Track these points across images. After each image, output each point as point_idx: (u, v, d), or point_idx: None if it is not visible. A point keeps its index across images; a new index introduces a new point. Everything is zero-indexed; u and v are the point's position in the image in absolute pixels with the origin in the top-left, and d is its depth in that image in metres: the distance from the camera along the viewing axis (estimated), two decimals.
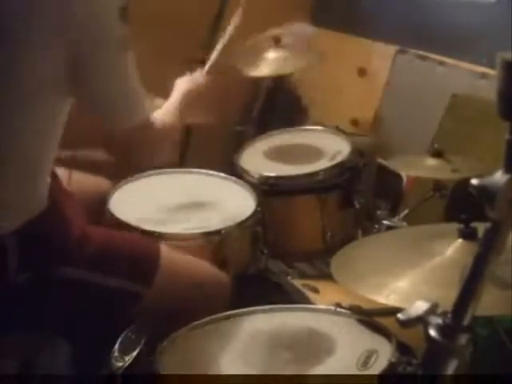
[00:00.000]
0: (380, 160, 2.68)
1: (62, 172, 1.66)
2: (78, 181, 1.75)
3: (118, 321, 1.53)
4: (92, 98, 1.43)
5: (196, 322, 1.38)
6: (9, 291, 1.39)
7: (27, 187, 1.42)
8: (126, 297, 1.47)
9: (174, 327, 1.38)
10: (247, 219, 1.82)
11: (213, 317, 1.40)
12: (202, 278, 1.59)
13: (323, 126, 2.49)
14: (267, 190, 2.03)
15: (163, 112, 1.65)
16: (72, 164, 1.72)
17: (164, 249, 1.56)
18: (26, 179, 1.42)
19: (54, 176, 1.53)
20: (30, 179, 1.42)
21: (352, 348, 1.27)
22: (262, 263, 1.97)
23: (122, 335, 1.67)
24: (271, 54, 2.35)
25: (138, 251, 1.53)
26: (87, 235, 1.48)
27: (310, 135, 2.35)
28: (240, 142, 2.41)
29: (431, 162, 2.12)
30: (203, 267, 1.63)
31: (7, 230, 1.38)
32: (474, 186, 0.79)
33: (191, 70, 1.94)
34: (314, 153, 2.19)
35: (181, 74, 1.86)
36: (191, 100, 1.72)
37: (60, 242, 1.44)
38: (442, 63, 2.78)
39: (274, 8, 3.16)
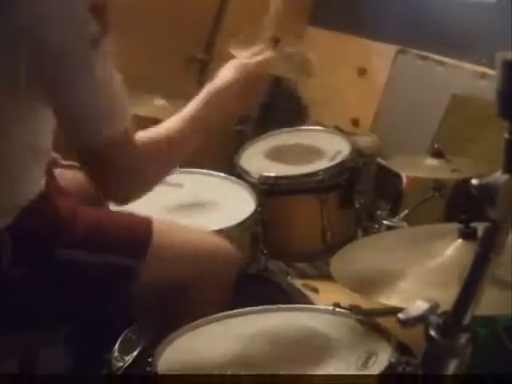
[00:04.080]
0: (380, 160, 2.68)
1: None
2: (79, 178, 1.74)
3: (117, 297, 1.50)
4: (55, 104, 1.29)
5: (195, 322, 1.38)
6: (5, 286, 1.39)
7: (17, 184, 1.40)
8: (121, 272, 1.44)
9: (183, 304, 1.36)
10: (247, 219, 1.82)
11: (212, 317, 1.40)
12: (204, 246, 1.55)
13: (323, 126, 2.49)
14: (267, 190, 2.02)
15: (173, 122, 1.46)
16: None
17: (156, 220, 1.53)
18: (16, 176, 1.40)
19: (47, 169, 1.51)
20: (20, 175, 1.40)
21: (351, 348, 1.27)
22: (261, 263, 1.97)
23: (122, 335, 1.67)
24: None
25: (128, 225, 1.51)
26: (77, 216, 1.46)
27: (310, 135, 2.35)
28: (240, 141, 2.41)
29: (431, 162, 2.12)
30: (205, 236, 1.59)
31: (1, 225, 1.37)
32: (474, 186, 0.80)
33: (191, 70, 1.95)
34: (314, 153, 2.19)
35: (181, 74, 1.86)
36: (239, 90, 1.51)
37: (51, 226, 1.42)
38: (442, 63, 2.78)
39: None
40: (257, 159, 2.19)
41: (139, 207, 1.83)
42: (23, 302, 1.41)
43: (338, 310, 1.38)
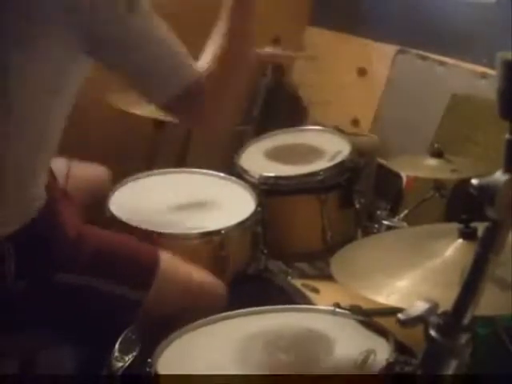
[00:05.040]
0: (380, 160, 2.68)
1: (60, 165, 1.65)
2: (78, 171, 1.74)
3: (116, 325, 1.51)
4: (123, 72, 1.38)
5: (195, 322, 1.37)
6: (7, 298, 1.38)
7: (23, 190, 1.39)
8: (124, 303, 1.45)
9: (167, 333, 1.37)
10: (247, 219, 1.82)
11: (212, 317, 1.40)
12: (199, 287, 1.56)
13: (323, 126, 2.49)
14: (267, 190, 2.03)
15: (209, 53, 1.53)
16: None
17: (162, 254, 1.54)
18: (22, 182, 1.39)
19: (51, 175, 1.51)
20: (26, 182, 1.40)
21: (351, 348, 1.27)
22: (261, 263, 1.97)
23: (122, 335, 1.67)
24: None
25: (136, 256, 1.50)
26: (83, 236, 1.46)
27: (310, 135, 2.35)
28: (240, 141, 2.41)
29: (431, 162, 2.12)
30: (201, 276, 1.59)
31: (3, 234, 1.36)
32: (474, 186, 0.79)
33: None
34: (314, 153, 2.19)
35: None
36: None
37: (56, 244, 1.42)
38: (442, 63, 2.78)
39: (274, 8, 3.16)
40: (257, 159, 2.19)
41: (141, 208, 1.85)
42: (23, 310, 1.41)
43: (338, 310, 1.38)
